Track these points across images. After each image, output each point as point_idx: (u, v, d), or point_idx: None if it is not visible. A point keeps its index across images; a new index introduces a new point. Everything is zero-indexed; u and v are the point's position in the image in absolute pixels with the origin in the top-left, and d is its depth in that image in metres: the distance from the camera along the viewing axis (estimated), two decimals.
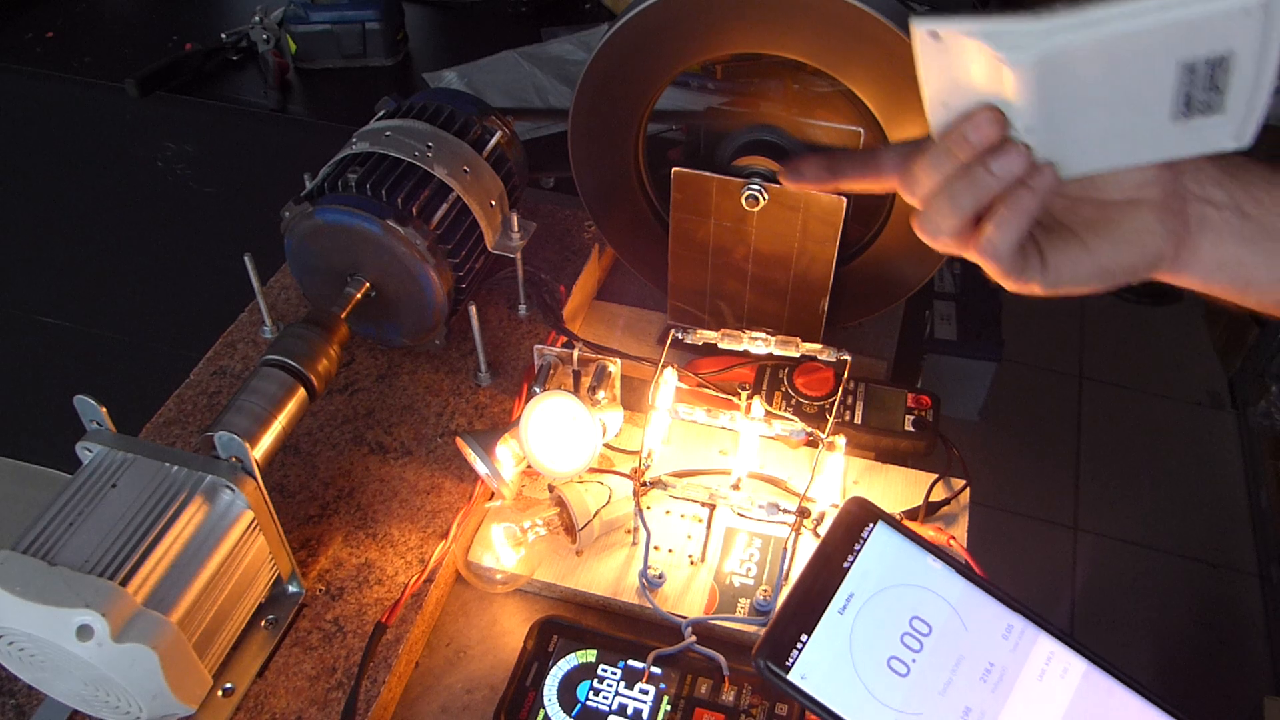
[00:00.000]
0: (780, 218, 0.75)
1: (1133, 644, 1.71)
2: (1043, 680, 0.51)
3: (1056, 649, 0.52)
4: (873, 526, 0.55)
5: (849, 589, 0.53)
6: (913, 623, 0.52)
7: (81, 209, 1.11)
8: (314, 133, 1.22)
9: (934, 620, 0.53)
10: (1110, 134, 0.44)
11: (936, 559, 0.54)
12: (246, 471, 0.58)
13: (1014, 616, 0.53)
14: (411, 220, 0.73)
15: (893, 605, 0.53)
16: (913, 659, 0.51)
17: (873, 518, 0.56)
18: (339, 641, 0.64)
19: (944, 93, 0.45)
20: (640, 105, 0.76)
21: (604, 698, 0.62)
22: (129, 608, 0.52)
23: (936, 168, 0.46)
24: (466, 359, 0.83)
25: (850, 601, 0.53)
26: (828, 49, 0.69)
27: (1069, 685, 0.51)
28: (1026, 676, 0.51)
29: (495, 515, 0.72)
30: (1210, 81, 0.42)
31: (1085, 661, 0.52)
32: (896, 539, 0.55)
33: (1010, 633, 0.53)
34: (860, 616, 0.53)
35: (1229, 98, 0.42)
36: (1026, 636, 0.53)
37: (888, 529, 0.55)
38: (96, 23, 1.41)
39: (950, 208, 0.45)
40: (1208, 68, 0.41)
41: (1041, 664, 0.52)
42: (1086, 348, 2.24)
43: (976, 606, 0.53)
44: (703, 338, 0.73)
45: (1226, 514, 1.92)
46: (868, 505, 0.56)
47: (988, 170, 0.44)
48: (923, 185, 0.46)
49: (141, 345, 0.94)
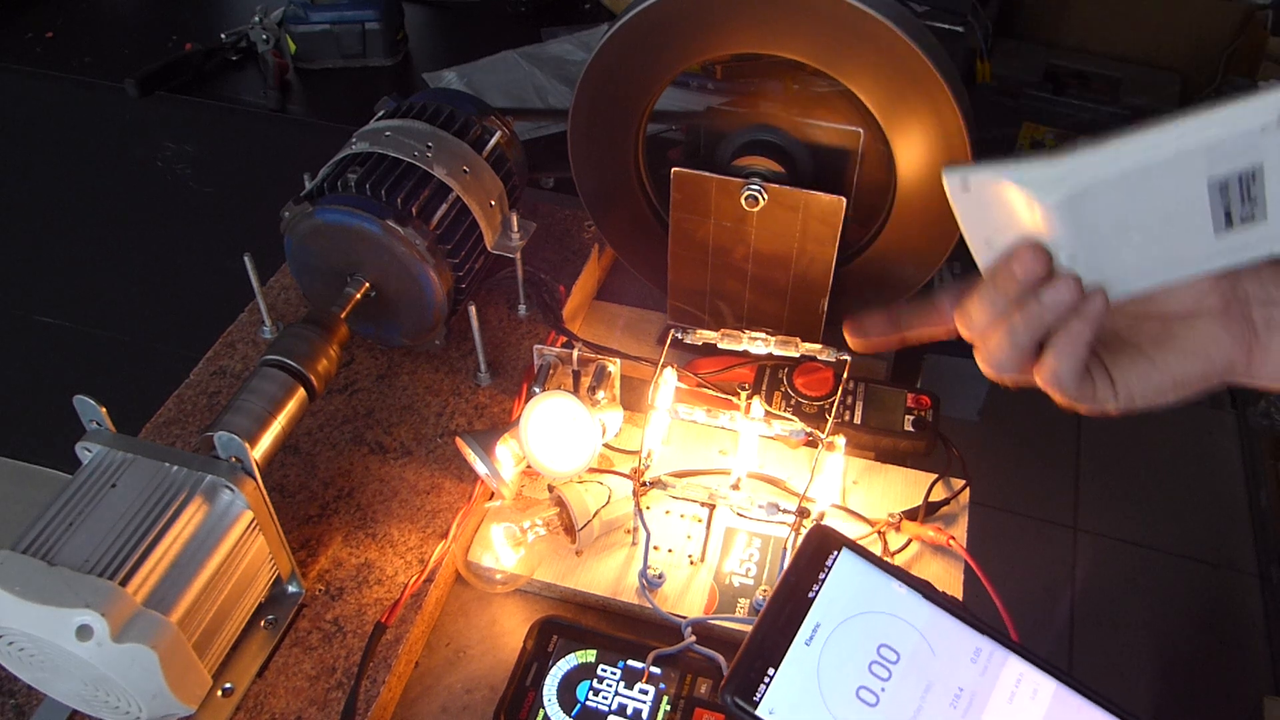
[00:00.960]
0: (780, 218, 0.75)
1: (1133, 644, 1.71)
2: (1013, 702, 0.51)
3: (1026, 670, 0.52)
4: (837, 554, 0.54)
5: (815, 619, 0.52)
6: (880, 650, 0.52)
7: (81, 209, 1.11)
8: (314, 133, 1.22)
9: (902, 647, 0.52)
10: (1155, 254, 0.44)
11: (902, 584, 0.54)
12: (246, 471, 0.58)
13: (982, 639, 0.53)
14: (411, 220, 0.73)
15: (860, 634, 0.52)
16: (881, 688, 0.51)
17: (836, 545, 0.55)
18: (339, 641, 0.64)
19: (985, 233, 0.46)
20: (640, 105, 0.76)
21: (604, 698, 0.62)
22: (129, 608, 0.52)
23: (990, 304, 0.46)
24: (466, 359, 0.83)
25: (817, 632, 0.52)
26: (828, 49, 0.69)
27: (1040, 706, 0.51)
28: (996, 700, 0.51)
29: (495, 515, 0.72)
30: (1246, 194, 0.42)
31: (1055, 682, 0.52)
32: (861, 565, 0.54)
33: (979, 656, 0.52)
34: (827, 647, 0.52)
35: (1268, 206, 0.42)
36: (995, 659, 0.52)
37: (852, 556, 0.55)
38: (96, 23, 1.41)
39: (1008, 342, 0.46)
40: (1240, 183, 0.42)
41: (1011, 686, 0.51)
42: None
43: (944, 631, 0.53)
44: (702, 338, 0.73)
45: (1226, 514, 1.92)
46: (830, 533, 0.55)
47: (1039, 302, 0.45)
48: (978, 323, 0.47)
49: (141, 345, 0.94)
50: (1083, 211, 0.43)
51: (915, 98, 0.69)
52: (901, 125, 0.71)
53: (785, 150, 0.77)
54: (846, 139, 0.76)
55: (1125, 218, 0.43)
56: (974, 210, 0.45)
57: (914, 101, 0.69)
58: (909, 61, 0.67)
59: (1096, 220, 0.43)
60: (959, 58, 1.75)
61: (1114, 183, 0.42)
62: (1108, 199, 0.42)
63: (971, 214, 0.45)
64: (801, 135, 0.76)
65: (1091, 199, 0.42)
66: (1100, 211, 0.43)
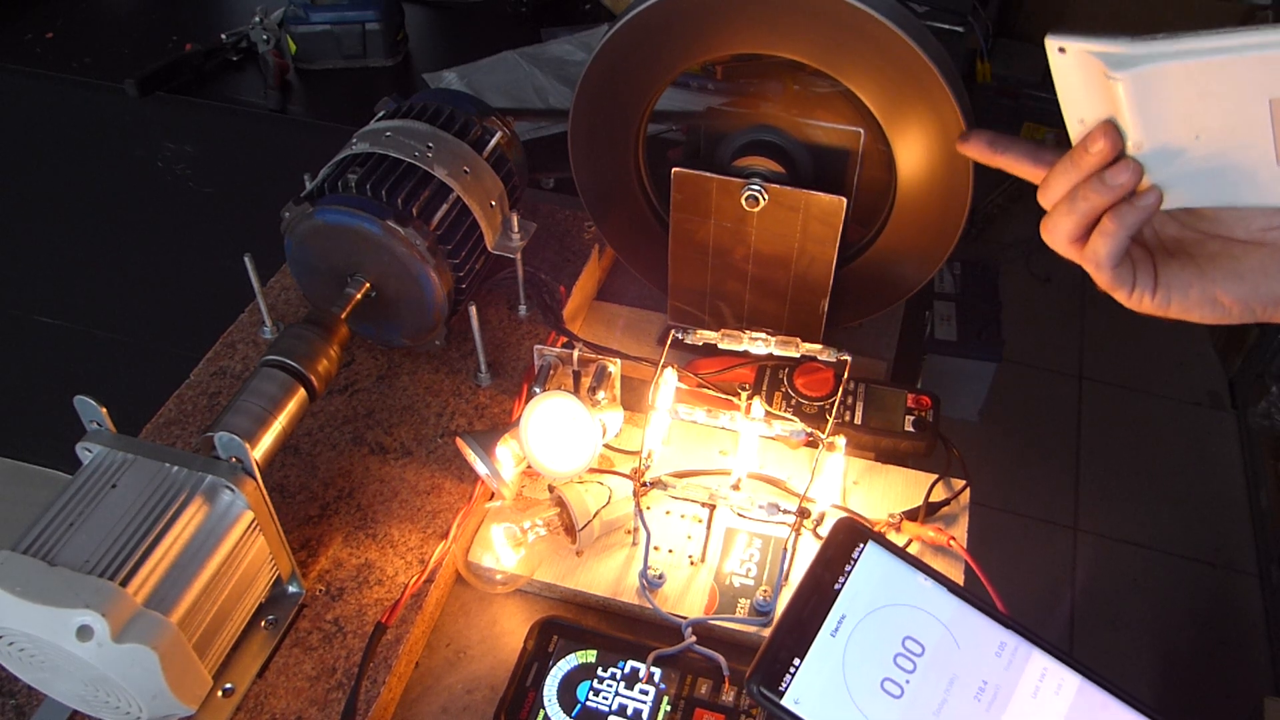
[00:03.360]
0: (780, 218, 0.75)
1: (1133, 644, 1.71)
2: (1037, 697, 0.51)
3: (1050, 665, 0.52)
4: (863, 547, 0.55)
5: (841, 611, 0.53)
6: (905, 643, 0.52)
7: (81, 209, 1.11)
8: (314, 133, 1.22)
9: (927, 640, 0.52)
10: (1214, 171, 0.46)
11: (927, 578, 0.54)
12: (246, 472, 0.58)
13: (1007, 634, 0.53)
14: (411, 221, 0.73)
15: (885, 626, 0.53)
16: (906, 680, 0.51)
17: (863, 538, 0.55)
18: (339, 642, 0.64)
19: (1078, 108, 0.48)
20: (640, 105, 0.76)
21: (604, 698, 0.62)
22: (129, 608, 0.52)
23: (1065, 174, 0.49)
24: (466, 359, 0.83)
25: (842, 623, 0.53)
26: (828, 49, 0.69)
27: (1063, 701, 0.51)
28: (1021, 694, 0.51)
29: (495, 515, 0.72)
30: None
31: (1079, 677, 0.52)
32: (887, 559, 0.55)
33: (1003, 650, 0.52)
34: (853, 638, 0.52)
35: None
36: (1020, 653, 0.52)
37: (878, 549, 0.55)
38: (96, 23, 1.41)
39: (1068, 212, 0.49)
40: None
41: (1035, 681, 0.52)
42: (1086, 348, 2.24)
43: (969, 625, 0.53)
44: (703, 338, 0.73)
45: (1226, 514, 1.92)
46: (858, 526, 0.56)
47: (1101, 180, 0.47)
48: (1053, 190, 0.50)
49: (141, 345, 0.94)
50: (1151, 94, 0.44)
51: (915, 98, 0.69)
52: (902, 125, 0.71)
53: (785, 150, 0.77)
54: (847, 139, 0.76)
55: (1191, 116, 0.44)
56: (1069, 80, 0.47)
57: (914, 101, 0.69)
58: (909, 61, 0.67)
59: (1164, 109, 0.45)
60: (959, 58, 1.75)
61: (1183, 72, 0.43)
62: (1175, 88, 0.44)
63: (1066, 84, 0.47)
64: (802, 135, 0.76)
65: (1159, 82, 0.44)
66: (1166, 101, 0.44)
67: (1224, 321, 0.50)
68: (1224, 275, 0.49)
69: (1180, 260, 0.50)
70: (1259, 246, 0.49)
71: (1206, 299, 0.50)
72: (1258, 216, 0.49)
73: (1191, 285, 0.50)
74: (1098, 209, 0.48)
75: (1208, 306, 0.50)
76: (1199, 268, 0.50)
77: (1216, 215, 0.49)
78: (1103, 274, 0.50)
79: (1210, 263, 0.50)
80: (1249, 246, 0.49)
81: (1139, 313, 0.51)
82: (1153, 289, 0.50)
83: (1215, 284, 0.49)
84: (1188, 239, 0.51)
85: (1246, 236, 0.49)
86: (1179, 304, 0.50)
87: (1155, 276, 0.50)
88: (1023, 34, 2.43)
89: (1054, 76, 0.47)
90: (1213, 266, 0.50)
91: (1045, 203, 0.51)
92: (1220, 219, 0.50)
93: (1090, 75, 0.45)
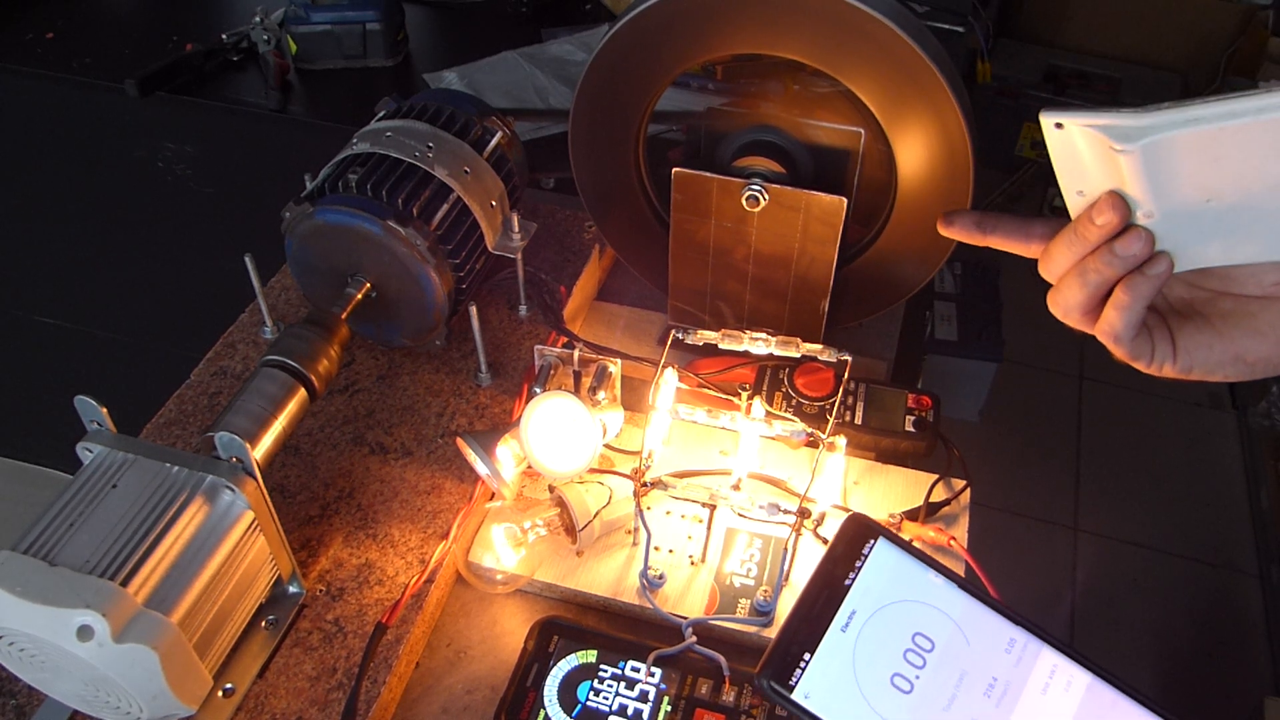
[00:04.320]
0: (780, 218, 0.75)
1: (1133, 644, 1.71)
2: (1046, 694, 0.51)
3: (1060, 662, 0.52)
4: (873, 543, 0.55)
5: (851, 606, 0.53)
6: (915, 639, 0.52)
7: (81, 209, 1.11)
8: (314, 133, 1.22)
9: (936, 636, 0.53)
10: (1227, 230, 0.45)
11: (938, 574, 0.54)
12: (247, 472, 0.58)
13: (1016, 630, 0.53)
14: (412, 221, 0.73)
15: (895, 622, 0.53)
16: (916, 675, 0.51)
17: (873, 534, 0.55)
18: (339, 642, 0.64)
19: (1076, 181, 0.47)
20: (640, 105, 0.76)
21: (604, 698, 0.62)
22: (129, 608, 0.52)
23: (1069, 247, 0.48)
24: (467, 359, 0.83)
25: (853, 619, 0.53)
26: (828, 49, 0.69)
27: (1073, 698, 0.51)
28: (1030, 690, 0.51)
29: (495, 516, 0.72)
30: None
31: (1089, 674, 0.52)
32: (897, 555, 0.55)
33: (1013, 647, 0.53)
34: (863, 634, 0.53)
35: None
36: (1029, 650, 0.53)
37: (888, 545, 0.55)
38: (96, 23, 1.41)
39: (1078, 286, 0.48)
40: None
41: (1045, 677, 0.52)
42: (1086, 348, 2.24)
43: (979, 621, 0.53)
44: (703, 338, 0.73)
45: (1226, 514, 1.92)
46: (868, 521, 0.56)
47: (1110, 251, 0.46)
48: (1057, 264, 0.49)
49: (141, 345, 0.94)
50: (1160, 165, 0.43)
51: (915, 98, 0.69)
52: (902, 125, 0.71)
53: (786, 151, 0.77)
54: (847, 139, 0.76)
55: (1203, 182, 0.44)
56: (1066, 154, 0.46)
57: (914, 101, 0.69)
58: (909, 61, 0.67)
59: (1173, 178, 0.44)
60: (959, 58, 1.76)
61: (1194, 140, 0.42)
62: (1185, 157, 0.43)
63: (1063, 158, 0.46)
64: (802, 135, 0.76)
65: (1168, 152, 0.43)
66: (1177, 170, 0.44)
67: (1250, 378, 0.49)
68: (1243, 334, 0.48)
69: (1195, 322, 0.49)
70: (1274, 301, 0.48)
71: (1228, 359, 0.49)
72: (1270, 271, 0.48)
73: (1211, 347, 0.49)
74: (1109, 281, 0.47)
75: (1230, 366, 0.49)
76: (1215, 329, 0.49)
77: (1227, 273, 0.48)
78: (1121, 347, 0.49)
79: (1226, 322, 0.49)
80: (1265, 302, 0.48)
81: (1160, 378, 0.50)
82: (1173, 355, 0.49)
83: (1234, 343, 0.48)
84: (1198, 299, 0.50)
85: (1260, 292, 0.48)
86: (1201, 367, 0.49)
87: (1173, 342, 0.49)
88: (1023, 34, 2.43)
89: (1050, 151, 0.46)
90: (1229, 326, 0.49)
91: (1049, 276, 0.50)
92: (1231, 276, 0.48)
93: (1092, 148, 0.45)
